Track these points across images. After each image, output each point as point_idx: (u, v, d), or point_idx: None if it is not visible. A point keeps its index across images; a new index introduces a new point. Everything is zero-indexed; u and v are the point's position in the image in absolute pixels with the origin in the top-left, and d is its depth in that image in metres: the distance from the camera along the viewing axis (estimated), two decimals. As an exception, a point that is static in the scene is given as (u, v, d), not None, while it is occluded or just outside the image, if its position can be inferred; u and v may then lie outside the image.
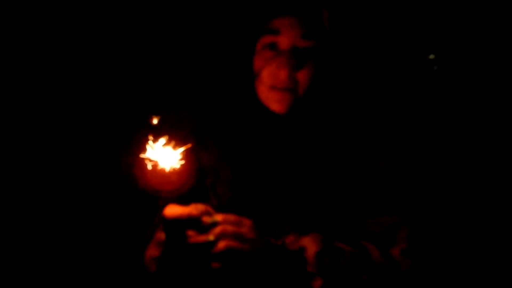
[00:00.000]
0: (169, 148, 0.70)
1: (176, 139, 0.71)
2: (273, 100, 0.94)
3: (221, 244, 0.70)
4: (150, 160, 0.70)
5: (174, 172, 0.70)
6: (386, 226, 0.91)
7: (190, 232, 0.70)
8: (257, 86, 0.96)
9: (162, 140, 0.70)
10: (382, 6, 1.34)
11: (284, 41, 0.92)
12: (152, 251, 0.77)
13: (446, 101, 1.67)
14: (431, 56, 2.11)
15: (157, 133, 0.69)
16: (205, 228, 0.71)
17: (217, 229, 0.71)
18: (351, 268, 0.82)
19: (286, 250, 0.81)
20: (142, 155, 0.69)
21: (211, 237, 0.70)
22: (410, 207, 0.93)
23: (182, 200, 0.71)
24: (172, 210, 0.69)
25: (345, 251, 0.84)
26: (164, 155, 0.70)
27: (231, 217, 0.74)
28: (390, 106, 1.36)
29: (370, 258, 0.85)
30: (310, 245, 0.82)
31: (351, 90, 1.07)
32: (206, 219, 0.71)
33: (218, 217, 0.72)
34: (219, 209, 0.77)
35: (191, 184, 0.73)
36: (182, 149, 0.70)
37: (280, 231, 0.88)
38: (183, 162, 0.71)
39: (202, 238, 0.70)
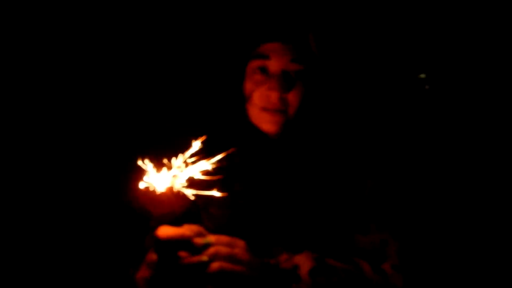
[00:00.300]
0: (162, 171, 0.70)
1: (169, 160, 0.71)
2: (264, 121, 0.97)
3: (215, 265, 0.70)
4: (144, 182, 0.70)
5: (166, 194, 0.70)
6: (376, 243, 0.93)
7: (183, 253, 0.70)
8: (248, 108, 0.99)
9: (155, 163, 0.70)
10: (369, 28, 1.37)
11: (273, 65, 0.95)
12: (143, 272, 0.76)
13: (433, 120, 1.70)
14: (422, 75, 2.15)
15: (151, 156, 0.69)
16: (198, 249, 0.71)
17: (211, 250, 0.71)
18: (344, 285, 0.82)
19: (280, 270, 0.81)
20: (135, 177, 0.70)
21: (204, 258, 0.70)
22: (399, 223, 0.95)
23: (175, 221, 0.71)
24: (165, 231, 0.69)
25: (337, 268, 0.84)
26: (157, 178, 0.70)
27: (224, 238, 0.74)
28: (377, 125, 1.39)
29: (363, 274, 0.86)
30: (303, 263, 0.83)
31: (340, 110, 1.09)
32: (199, 240, 0.71)
33: (211, 238, 0.72)
34: (212, 230, 0.77)
35: (183, 206, 0.73)
36: (173, 171, 0.70)
37: (273, 250, 0.89)
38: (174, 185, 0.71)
39: (195, 259, 0.70)
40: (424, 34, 1.73)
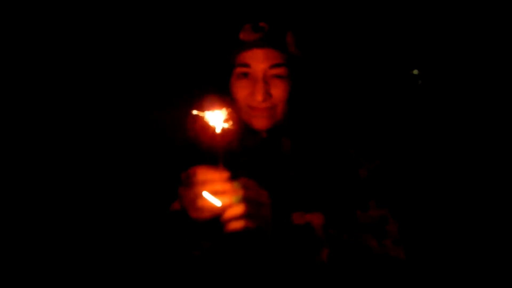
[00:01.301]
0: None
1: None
2: (254, 117, 1.03)
3: (242, 207, 0.79)
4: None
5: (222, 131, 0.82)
6: (375, 218, 0.99)
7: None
8: (238, 109, 1.05)
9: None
10: (357, 23, 1.42)
11: (254, 72, 1.01)
12: (176, 205, 0.89)
13: (422, 105, 1.75)
14: (415, 71, 2.20)
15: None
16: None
17: (241, 192, 0.80)
18: (354, 242, 0.92)
19: (294, 225, 0.91)
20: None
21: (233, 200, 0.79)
22: (397, 201, 1.02)
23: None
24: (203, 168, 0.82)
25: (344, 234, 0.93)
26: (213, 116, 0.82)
27: (252, 183, 0.85)
28: (368, 110, 1.44)
29: (368, 244, 0.94)
30: (315, 219, 0.92)
31: (329, 102, 1.16)
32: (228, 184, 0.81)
33: (241, 181, 0.82)
34: None
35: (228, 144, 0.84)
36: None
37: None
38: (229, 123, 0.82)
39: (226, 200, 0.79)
40: (415, 30, 1.78)
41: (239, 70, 1.03)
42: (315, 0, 1.16)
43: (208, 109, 0.83)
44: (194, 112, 0.83)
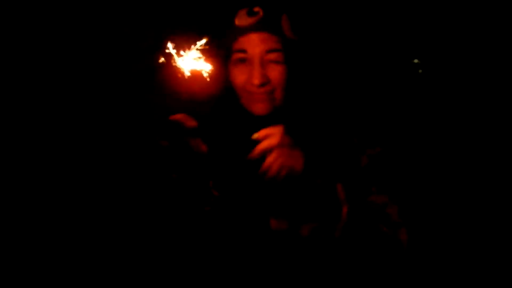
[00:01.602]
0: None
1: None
2: (253, 102, 1.04)
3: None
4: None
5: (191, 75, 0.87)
6: (376, 204, 1.00)
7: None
8: (238, 94, 1.06)
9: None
10: (353, 9, 1.42)
11: (251, 57, 1.02)
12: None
13: (423, 94, 1.75)
14: (416, 60, 2.19)
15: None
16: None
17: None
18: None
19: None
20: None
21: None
22: (397, 187, 1.03)
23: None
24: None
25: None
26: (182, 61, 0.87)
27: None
28: (369, 97, 1.44)
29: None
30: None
31: (328, 88, 1.16)
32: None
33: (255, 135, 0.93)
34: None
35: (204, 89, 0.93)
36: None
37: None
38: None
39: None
40: (416, 17, 1.78)
41: (236, 56, 1.04)
42: None
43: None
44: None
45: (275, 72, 1.02)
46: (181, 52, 0.88)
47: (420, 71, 2.09)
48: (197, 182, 0.98)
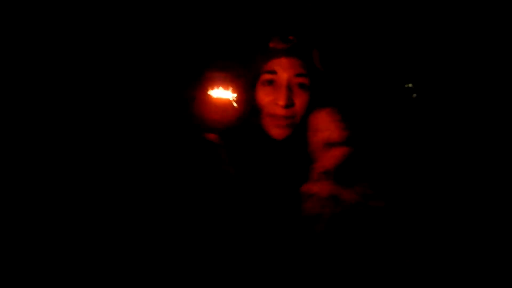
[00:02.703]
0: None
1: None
2: (273, 127, 1.10)
3: None
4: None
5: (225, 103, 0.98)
6: (358, 193, 1.03)
7: None
8: (260, 116, 1.12)
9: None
10: (369, 43, 1.49)
11: (280, 79, 1.08)
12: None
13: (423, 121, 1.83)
14: (409, 85, 2.29)
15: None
16: None
17: None
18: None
19: None
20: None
21: None
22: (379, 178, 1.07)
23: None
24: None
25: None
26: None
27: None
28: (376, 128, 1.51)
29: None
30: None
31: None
32: None
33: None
34: None
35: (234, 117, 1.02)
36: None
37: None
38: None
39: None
40: (415, 45, 1.85)
41: (265, 77, 1.10)
42: (340, 21, 1.23)
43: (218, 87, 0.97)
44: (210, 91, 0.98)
45: (300, 97, 1.08)
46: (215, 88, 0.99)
47: (414, 95, 2.19)
48: (224, 200, 1.03)
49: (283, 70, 1.08)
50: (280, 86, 1.08)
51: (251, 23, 1.14)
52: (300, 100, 1.09)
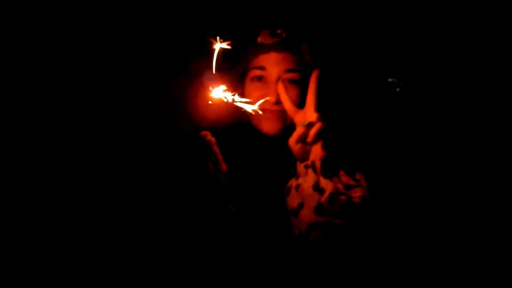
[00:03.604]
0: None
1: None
2: (264, 120, 1.08)
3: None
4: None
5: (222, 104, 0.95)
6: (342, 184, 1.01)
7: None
8: (250, 111, 1.08)
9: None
10: (359, 36, 1.49)
11: (269, 75, 1.07)
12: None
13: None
14: (391, 79, 2.32)
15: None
16: None
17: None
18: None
19: None
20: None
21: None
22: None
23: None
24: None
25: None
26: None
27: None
28: (370, 123, 1.52)
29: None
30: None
31: (333, 110, 1.23)
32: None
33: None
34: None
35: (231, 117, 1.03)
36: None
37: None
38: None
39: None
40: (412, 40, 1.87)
41: (254, 73, 1.08)
42: (329, 15, 1.23)
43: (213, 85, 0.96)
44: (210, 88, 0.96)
45: (290, 92, 1.05)
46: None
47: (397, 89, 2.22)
48: (216, 198, 1.01)
49: (272, 65, 1.06)
50: (270, 82, 1.07)
51: (238, 18, 1.13)
52: (291, 95, 1.06)
